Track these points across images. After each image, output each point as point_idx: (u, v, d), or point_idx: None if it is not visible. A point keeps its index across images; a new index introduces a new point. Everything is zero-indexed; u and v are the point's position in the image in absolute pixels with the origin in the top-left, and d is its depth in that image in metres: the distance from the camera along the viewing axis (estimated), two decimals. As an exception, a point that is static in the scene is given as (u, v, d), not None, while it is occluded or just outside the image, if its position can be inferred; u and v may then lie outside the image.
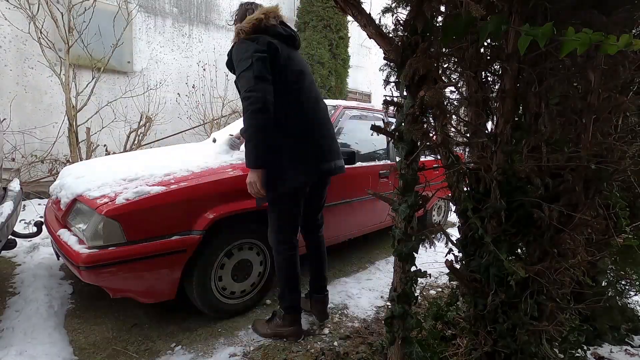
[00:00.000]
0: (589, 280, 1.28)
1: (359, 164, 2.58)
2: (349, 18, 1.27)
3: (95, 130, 4.14)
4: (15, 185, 2.24)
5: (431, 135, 1.19)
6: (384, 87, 1.28)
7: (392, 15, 1.21)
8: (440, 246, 1.28)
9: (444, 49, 1.17)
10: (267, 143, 1.46)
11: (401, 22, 1.17)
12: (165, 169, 1.83)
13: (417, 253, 1.20)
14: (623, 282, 1.80)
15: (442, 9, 1.12)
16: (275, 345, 1.73)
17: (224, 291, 1.90)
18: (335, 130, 2.48)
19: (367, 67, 8.23)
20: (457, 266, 1.27)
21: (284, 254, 1.68)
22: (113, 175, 1.80)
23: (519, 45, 0.78)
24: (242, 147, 1.87)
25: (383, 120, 3.03)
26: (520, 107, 1.17)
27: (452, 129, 1.31)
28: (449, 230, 1.29)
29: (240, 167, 1.99)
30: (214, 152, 2.15)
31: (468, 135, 1.30)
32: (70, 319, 1.85)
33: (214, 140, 2.91)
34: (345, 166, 2.40)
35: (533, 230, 1.13)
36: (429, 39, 1.09)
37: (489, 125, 1.25)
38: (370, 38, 1.23)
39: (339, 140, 2.49)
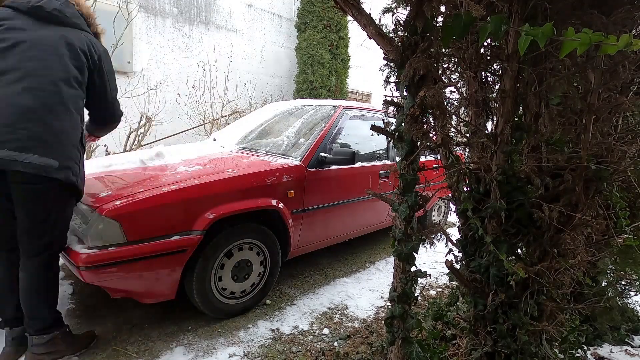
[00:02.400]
0: (589, 280, 1.28)
1: (359, 164, 2.58)
2: (349, 18, 1.27)
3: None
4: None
5: (431, 135, 1.19)
6: (384, 87, 1.28)
7: (392, 16, 1.21)
8: (440, 246, 1.28)
9: (444, 49, 1.17)
10: None
11: (401, 22, 1.17)
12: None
13: (417, 253, 1.20)
14: (623, 282, 1.80)
15: (442, 9, 1.12)
16: (275, 345, 1.73)
17: (224, 291, 1.90)
18: (335, 130, 2.48)
19: (367, 67, 8.22)
20: (457, 266, 1.27)
21: None
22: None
23: (519, 46, 0.78)
24: None
25: (383, 120, 3.03)
26: (520, 107, 1.17)
27: (452, 129, 1.31)
28: (449, 230, 1.29)
29: (240, 168, 1.99)
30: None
31: (468, 135, 1.30)
32: (70, 319, 1.85)
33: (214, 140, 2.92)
34: (346, 166, 2.41)
35: (533, 230, 1.13)
36: (429, 39, 1.09)
37: (489, 125, 1.25)
38: (370, 38, 1.23)
39: (339, 141, 2.50)
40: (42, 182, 1.32)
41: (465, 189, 1.27)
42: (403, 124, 1.17)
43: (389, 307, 1.27)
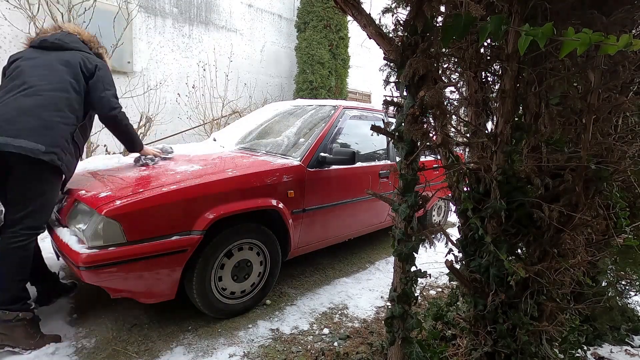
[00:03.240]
0: (589, 280, 1.28)
1: (359, 164, 2.58)
2: (349, 18, 1.27)
3: (95, 131, 4.10)
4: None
5: (431, 135, 1.19)
6: (384, 87, 1.28)
7: (392, 16, 1.21)
8: (440, 246, 1.28)
9: (444, 49, 1.17)
10: None
11: (401, 22, 1.17)
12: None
13: (417, 253, 1.20)
14: (623, 282, 1.80)
15: (442, 9, 1.12)
16: (275, 345, 1.73)
17: (224, 291, 1.90)
18: (335, 130, 2.48)
19: (367, 67, 8.22)
20: (457, 266, 1.27)
21: None
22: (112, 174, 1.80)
23: (519, 46, 0.78)
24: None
25: (383, 120, 3.03)
26: (520, 107, 1.17)
27: (452, 129, 1.31)
28: (449, 230, 1.29)
29: (239, 168, 1.99)
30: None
31: (468, 135, 1.30)
32: (70, 319, 1.85)
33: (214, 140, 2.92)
34: (346, 166, 2.42)
35: (533, 230, 1.13)
36: (429, 39, 1.09)
37: (489, 125, 1.25)
38: (370, 38, 1.23)
39: (339, 141, 2.50)
40: (29, 162, 1.56)
41: (465, 189, 1.27)
42: (403, 124, 1.17)
43: (389, 307, 1.27)
